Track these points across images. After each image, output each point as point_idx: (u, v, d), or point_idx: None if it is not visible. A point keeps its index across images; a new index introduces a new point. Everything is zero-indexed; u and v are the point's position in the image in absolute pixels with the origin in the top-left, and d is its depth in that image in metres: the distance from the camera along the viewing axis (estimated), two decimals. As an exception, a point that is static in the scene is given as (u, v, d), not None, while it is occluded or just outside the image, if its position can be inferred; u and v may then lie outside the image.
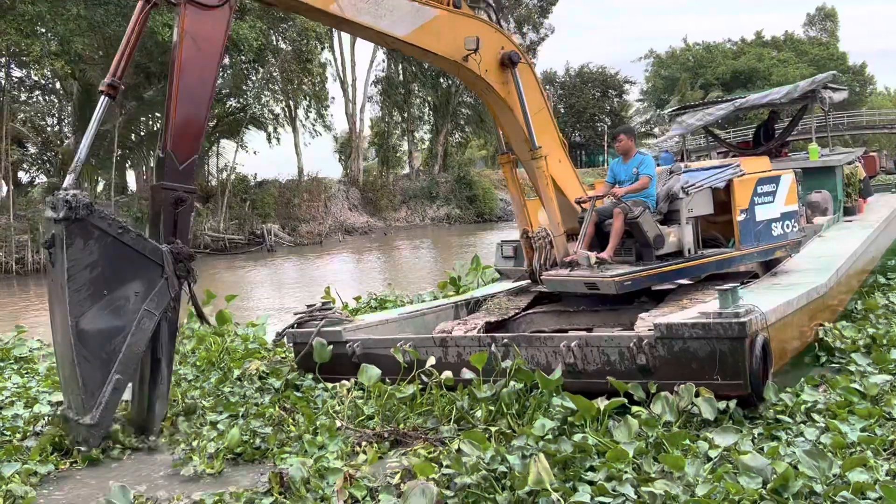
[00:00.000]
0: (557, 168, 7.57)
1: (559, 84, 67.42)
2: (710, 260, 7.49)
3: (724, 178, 7.63)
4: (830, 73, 15.04)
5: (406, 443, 5.26)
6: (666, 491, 3.93)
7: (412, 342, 6.66)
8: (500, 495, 4.10)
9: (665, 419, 5.12)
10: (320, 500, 4.26)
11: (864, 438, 4.84)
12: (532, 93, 7.34)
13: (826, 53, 75.10)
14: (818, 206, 11.85)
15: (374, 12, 6.38)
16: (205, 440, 5.35)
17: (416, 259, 30.71)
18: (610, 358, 5.85)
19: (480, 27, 7.01)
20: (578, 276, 7.05)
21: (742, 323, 5.35)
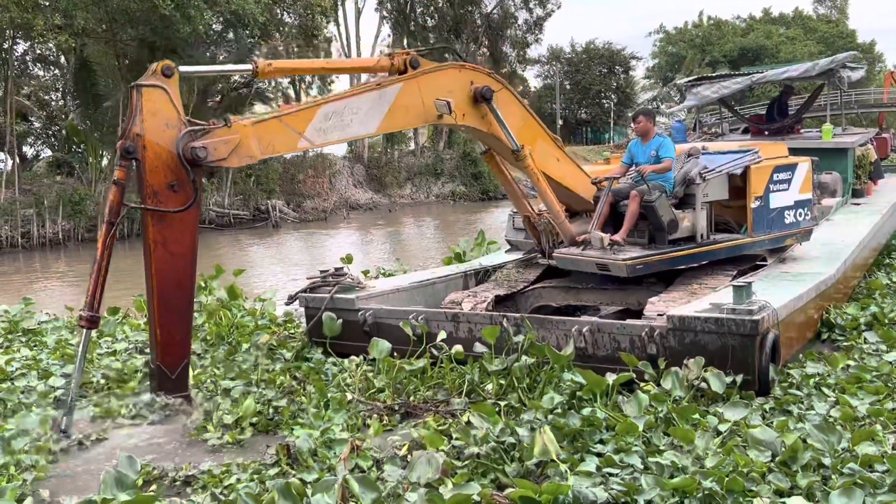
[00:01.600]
0: (557, 167, 7.49)
1: (565, 60, 66.92)
2: (721, 246, 7.49)
3: (741, 164, 7.59)
4: (850, 52, 14.90)
5: (416, 415, 5.32)
6: (673, 462, 3.95)
7: (424, 315, 6.75)
8: (508, 466, 4.14)
9: (675, 394, 5.15)
10: (326, 471, 4.28)
11: (874, 411, 4.90)
12: (513, 110, 7.13)
13: (835, 31, 74.42)
14: (827, 187, 11.77)
15: (340, 125, 6.19)
16: (220, 411, 5.38)
17: (421, 235, 30.74)
18: (620, 345, 5.92)
19: (444, 75, 6.71)
20: (590, 256, 7.06)
21: (755, 321, 5.42)
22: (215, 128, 5.58)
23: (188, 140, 5.43)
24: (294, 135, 5.94)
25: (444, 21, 47.46)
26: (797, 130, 13.93)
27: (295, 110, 6.03)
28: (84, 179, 29.41)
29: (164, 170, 5.46)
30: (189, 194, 5.52)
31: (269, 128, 5.82)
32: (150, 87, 5.45)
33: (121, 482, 3.99)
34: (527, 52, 53.33)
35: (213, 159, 5.56)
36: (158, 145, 5.42)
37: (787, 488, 3.85)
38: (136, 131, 5.40)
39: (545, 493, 3.54)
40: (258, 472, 4.35)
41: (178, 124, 5.51)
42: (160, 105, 5.46)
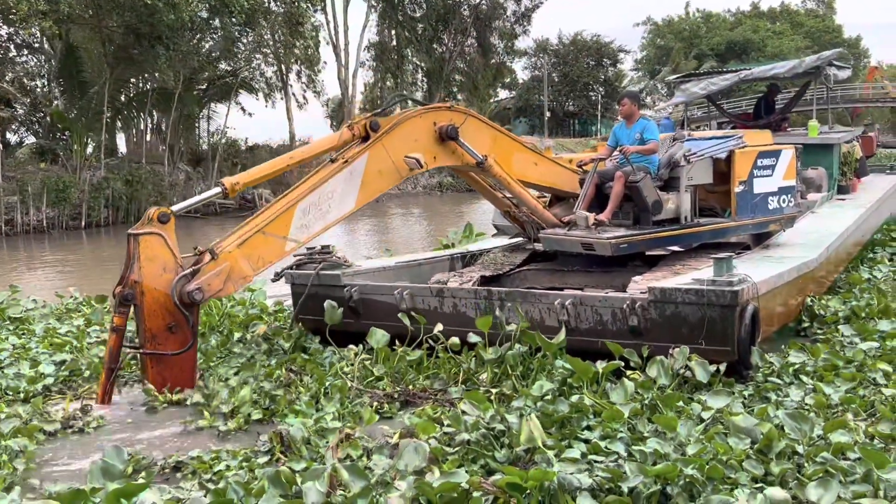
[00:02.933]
0: (536, 170, 7.56)
1: (552, 52, 66.93)
2: (705, 229, 7.59)
3: (726, 149, 7.70)
4: (836, 50, 15.01)
5: (416, 403, 5.40)
6: (656, 449, 4.03)
7: (409, 290, 6.84)
8: (498, 452, 4.21)
9: (660, 382, 5.24)
10: (318, 460, 4.32)
11: (846, 399, 5.03)
12: (481, 135, 7.12)
13: (822, 26, 74.81)
14: (813, 182, 11.88)
15: (320, 215, 6.25)
16: (217, 400, 5.43)
17: (408, 226, 30.75)
18: (602, 318, 6.01)
19: (407, 127, 6.64)
20: (575, 235, 7.15)
21: (735, 291, 5.50)
22: (205, 264, 5.71)
23: (183, 284, 5.61)
24: (279, 241, 6.08)
25: (432, 11, 47.33)
26: (784, 128, 14.01)
27: (273, 218, 6.05)
28: (69, 167, 29.18)
29: (162, 313, 5.62)
30: (187, 334, 5.69)
31: (253, 244, 5.94)
32: (146, 234, 5.63)
33: (108, 472, 4.00)
34: (515, 44, 53.29)
35: (209, 296, 5.77)
36: (156, 290, 5.60)
37: (761, 475, 3.93)
38: (133, 279, 5.56)
39: (531, 480, 3.60)
40: (248, 460, 4.40)
41: (175, 268, 5.67)
42: (157, 251, 5.64)
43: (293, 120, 43.75)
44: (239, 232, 6.01)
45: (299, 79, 43.82)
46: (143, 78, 34.48)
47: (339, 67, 45.47)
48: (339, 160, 6.42)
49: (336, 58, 45.15)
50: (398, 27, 47.59)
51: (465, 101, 54.79)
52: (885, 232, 12.72)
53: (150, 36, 28.12)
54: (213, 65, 34.98)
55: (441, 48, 49.01)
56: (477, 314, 6.43)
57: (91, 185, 28.66)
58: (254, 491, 3.76)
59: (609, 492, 3.71)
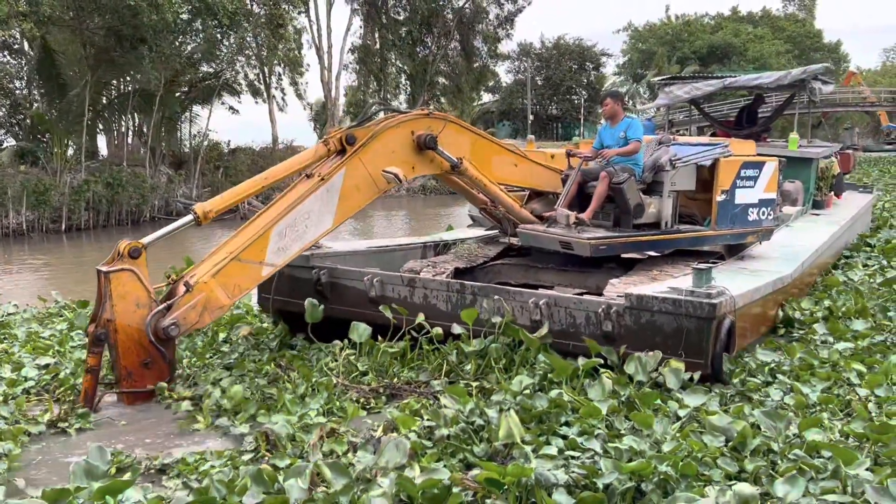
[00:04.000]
0: (516, 171, 7.58)
1: (535, 56, 67.14)
2: (684, 236, 7.58)
3: (711, 156, 7.65)
4: (822, 64, 15.13)
5: (401, 396, 5.43)
6: (632, 447, 4.09)
7: (380, 277, 6.76)
8: (476, 447, 4.26)
9: (638, 379, 5.28)
10: (301, 456, 4.36)
11: (824, 398, 5.10)
12: (460, 140, 7.08)
13: (802, 30, 75.44)
14: (789, 195, 11.95)
15: (297, 237, 6.15)
16: (210, 399, 5.46)
17: (392, 227, 30.73)
18: (576, 320, 5.96)
19: (384, 139, 6.57)
20: (554, 233, 7.11)
21: (713, 304, 5.46)
22: (179, 297, 5.59)
23: (158, 319, 5.51)
24: (255, 267, 5.95)
25: (415, 14, 47.34)
26: (764, 139, 14.09)
27: (248, 243, 5.92)
28: (49, 169, 28.92)
29: (137, 349, 5.54)
30: (164, 369, 5.63)
31: (229, 272, 5.82)
32: (117, 271, 5.49)
33: (91, 472, 4.03)
34: (498, 48, 53.39)
35: (186, 329, 5.67)
36: (130, 327, 5.50)
37: (735, 472, 4.00)
38: (106, 317, 5.45)
39: (509, 475, 3.66)
40: (232, 459, 4.43)
41: (148, 303, 5.57)
42: (129, 287, 5.52)
43: (276, 123, 43.66)
44: (213, 259, 5.88)
45: (281, 82, 43.69)
46: (124, 80, 34.25)
47: (322, 70, 45.40)
48: (314, 176, 6.29)
49: (319, 60, 45.08)
50: (381, 30, 47.55)
51: (449, 104, 54.92)
52: (859, 238, 12.90)
53: (132, 38, 27.96)
54: (195, 67, 34.82)
55: (424, 51, 49.01)
56: (448, 307, 6.41)
57: (71, 187, 28.42)
58: (236, 489, 3.79)
59: (585, 488, 3.78)
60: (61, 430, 5.15)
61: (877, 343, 6.67)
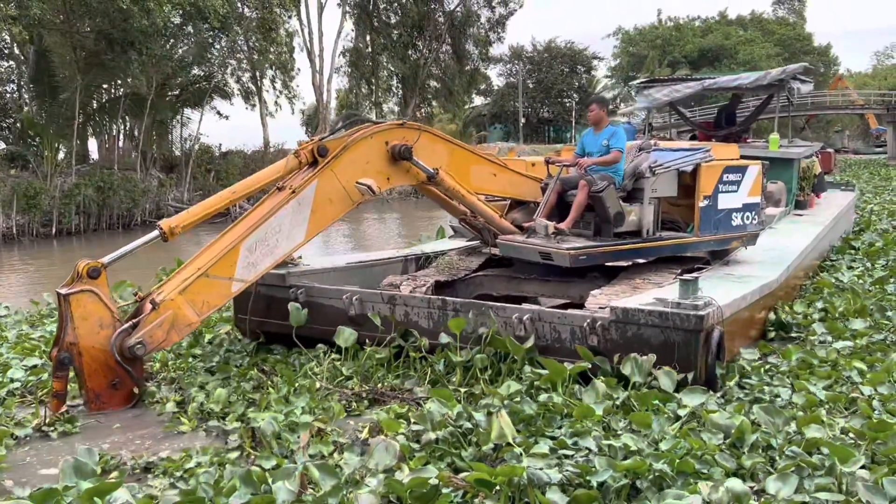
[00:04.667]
0: (495, 181, 7.47)
1: (527, 59, 67.27)
2: (666, 243, 7.44)
3: (692, 162, 7.53)
4: (801, 64, 15.14)
5: (384, 402, 5.39)
6: (626, 444, 4.07)
7: (359, 295, 6.62)
8: (465, 450, 4.22)
9: (634, 380, 5.22)
10: (288, 453, 4.33)
11: (832, 397, 5.10)
12: (437, 150, 6.95)
13: (792, 34, 75.77)
14: (771, 196, 11.85)
15: (268, 251, 5.98)
16: (195, 401, 5.41)
17: (383, 230, 30.73)
18: (561, 335, 5.83)
19: (357, 150, 6.43)
20: (533, 244, 6.99)
21: (700, 316, 5.35)
22: (146, 315, 5.46)
23: (123, 338, 5.39)
24: (225, 283, 5.80)
25: (407, 17, 47.39)
26: (744, 139, 14.06)
27: (215, 260, 5.77)
28: (39, 173, 28.80)
29: (104, 371, 5.41)
30: (132, 388, 5.50)
31: (197, 289, 5.67)
32: (77, 293, 5.34)
33: (80, 471, 3.99)
34: (489, 51, 53.48)
35: (153, 348, 5.53)
36: (94, 348, 5.36)
37: (733, 469, 3.98)
38: (69, 340, 5.31)
39: (500, 476, 3.63)
40: (217, 455, 4.39)
41: (112, 322, 5.43)
42: (90, 308, 5.37)
43: (267, 126, 43.58)
44: (180, 276, 5.75)
45: (273, 85, 43.63)
46: (115, 83, 34.17)
47: (313, 73, 45.37)
48: (286, 189, 6.15)
49: (310, 64, 45.06)
50: (373, 33, 47.59)
51: (440, 107, 55.01)
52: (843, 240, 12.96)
53: (123, 41, 27.89)
54: (186, 70, 34.76)
55: (416, 54, 49.06)
56: (430, 324, 6.28)
57: (62, 191, 28.31)
58: (224, 490, 3.76)
59: (578, 486, 3.74)
60: (45, 434, 5.09)
61: (876, 342, 6.67)
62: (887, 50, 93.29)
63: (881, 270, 10.35)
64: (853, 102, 60.08)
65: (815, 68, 51.83)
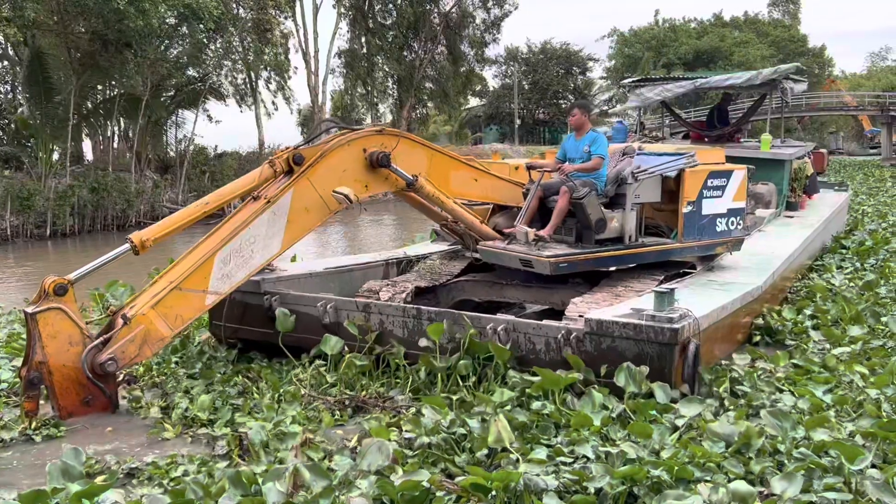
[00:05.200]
0: (476, 187, 7.41)
1: (522, 60, 67.26)
2: (648, 250, 7.37)
3: (676, 167, 7.43)
4: (793, 64, 15.13)
5: (367, 410, 5.33)
6: (623, 450, 4.03)
7: (334, 303, 6.52)
8: (458, 456, 4.18)
9: (630, 390, 5.12)
10: (277, 462, 4.29)
11: (839, 399, 5.08)
12: (416, 156, 6.87)
13: (787, 35, 75.92)
14: (762, 197, 11.85)
15: (243, 262, 5.91)
16: (178, 407, 5.36)
17: (378, 232, 30.67)
18: (536, 346, 5.75)
19: (334, 158, 6.34)
20: (514, 251, 6.92)
21: (675, 329, 5.25)
22: (117, 330, 5.38)
23: (94, 355, 5.31)
24: (199, 295, 5.71)
25: (402, 19, 47.34)
26: (737, 139, 14.02)
27: (188, 273, 5.69)
28: (33, 174, 28.68)
29: (76, 388, 5.34)
30: (105, 404, 5.44)
31: (169, 302, 5.59)
32: (44, 311, 5.25)
33: (67, 473, 3.95)
34: (485, 52, 53.46)
35: (125, 364, 5.45)
36: (65, 366, 5.28)
37: (741, 474, 3.93)
38: (38, 359, 5.23)
39: (496, 481, 3.59)
40: (205, 464, 4.35)
41: (81, 339, 5.35)
42: (59, 326, 5.29)
43: (263, 127, 43.51)
44: (152, 290, 5.67)
45: (268, 86, 43.55)
46: (109, 84, 34.07)
47: (308, 74, 45.32)
48: (261, 199, 6.05)
49: (306, 65, 45.00)
50: (368, 34, 47.50)
51: (436, 109, 54.96)
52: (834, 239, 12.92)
53: (118, 42, 27.79)
54: (181, 71, 34.66)
55: (411, 56, 49.00)
56: (405, 333, 6.19)
57: (56, 192, 28.19)
58: (213, 491, 3.72)
59: (575, 493, 3.70)
60: (30, 438, 5.05)
61: (874, 348, 6.63)
62: (882, 51, 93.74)
63: (871, 271, 10.31)
64: (846, 104, 60.19)
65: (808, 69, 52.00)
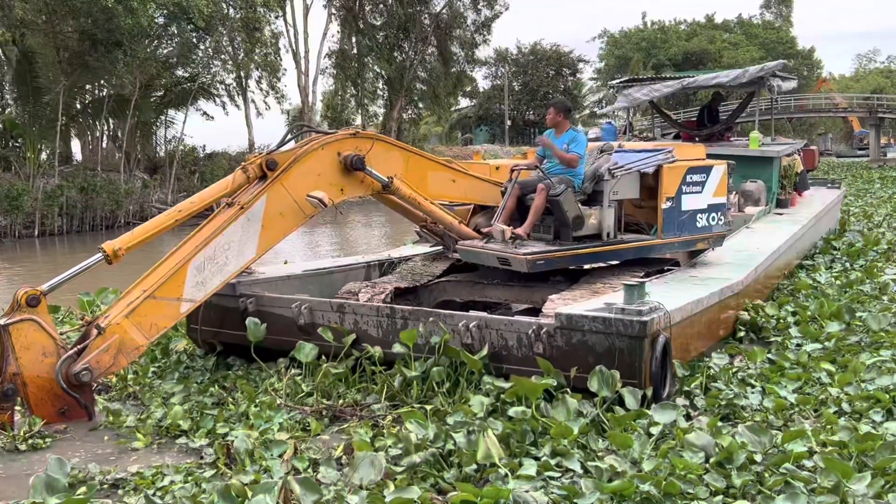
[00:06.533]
0: (455, 188, 7.39)
1: (513, 62, 67.33)
2: (627, 246, 7.37)
3: (653, 164, 7.44)
4: (780, 61, 15.16)
5: (343, 419, 5.26)
6: (612, 465, 4.02)
7: (308, 304, 6.49)
8: (447, 472, 4.14)
9: (603, 395, 5.10)
10: (263, 471, 4.26)
11: (802, 399, 5.11)
12: (392, 158, 6.83)
13: (776, 37, 76.31)
14: (751, 195, 11.86)
15: (217, 269, 5.86)
16: (153, 417, 5.32)
17: (369, 233, 30.64)
18: (508, 343, 5.74)
19: (308, 162, 6.32)
20: (491, 249, 6.92)
21: (644, 322, 5.25)
22: (91, 340, 5.36)
23: (69, 365, 5.28)
24: (173, 304, 5.69)
25: (392, 19, 47.31)
26: (727, 138, 14.06)
27: (162, 281, 5.67)
28: (22, 174, 28.55)
29: (51, 399, 5.30)
30: (81, 414, 5.41)
31: (143, 311, 5.56)
32: (16, 323, 5.21)
33: (51, 486, 3.93)
34: (475, 53, 53.49)
35: (100, 374, 5.42)
36: (40, 377, 5.25)
37: (722, 488, 3.94)
38: (11, 371, 5.19)
39: (486, 497, 3.57)
40: (191, 473, 4.33)
41: (56, 350, 5.31)
42: (32, 338, 5.25)
43: (252, 127, 43.36)
44: (126, 299, 5.64)
45: (259, 86, 43.41)
46: (98, 84, 33.92)
47: (299, 75, 45.22)
48: (234, 205, 6.04)
49: (296, 65, 44.90)
50: (359, 35, 47.44)
51: (427, 109, 54.95)
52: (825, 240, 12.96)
53: (107, 42, 27.68)
54: (170, 71, 34.53)
55: (402, 56, 48.97)
56: (379, 333, 6.17)
57: (45, 192, 28.05)
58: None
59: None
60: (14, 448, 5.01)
61: (850, 344, 6.68)
62: (869, 53, 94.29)
63: (858, 271, 10.36)
64: (836, 105, 60.50)
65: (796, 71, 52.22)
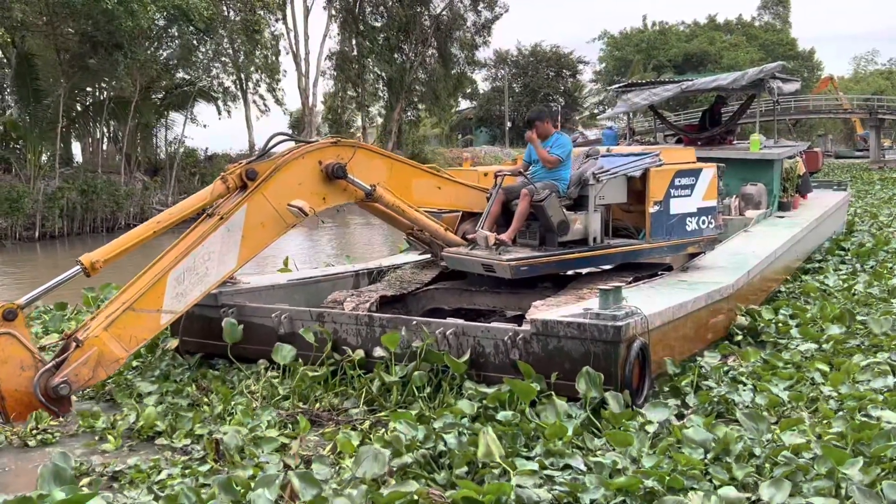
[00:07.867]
0: (440, 195, 7.38)
1: (513, 63, 67.39)
2: (614, 251, 7.30)
3: (640, 167, 7.38)
4: (779, 63, 15.10)
5: (321, 423, 5.21)
6: (614, 461, 4.04)
7: (288, 314, 6.46)
8: (438, 475, 4.11)
9: (590, 395, 5.07)
10: (255, 467, 4.27)
11: (795, 396, 5.14)
12: (375, 165, 6.81)
13: (776, 38, 76.34)
14: (751, 198, 11.80)
15: (198, 279, 5.83)
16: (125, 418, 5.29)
17: (370, 235, 30.64)
18: (485, 350, 5.70)
19: (288, 171, 6.29)
20: (476, 256, 6.88)
21: (618, 327, 5.19)
22: (70, 352, 5.33)
23: (47, 379, 5.27)
24: (153, 315, 5.67)
25: (392, 21, 47.36)
26: (729, 141, 14.00)
27: (143, 292, 5.64)
28: (22, 176, 28.57)
29: (29, 413, 5.26)
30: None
31: (123, 323, 5.55)
32: None
33: (58, 476, 3.94)
34: (475, 54, 53.52)
35: (79, 386, 5.42)
36: (18, 391, 5.24)
37: (726, 480, 3.94)
38: None
39: (488, 494, 3.58)
40: (187, 468, 4.35)
41: (34, 363, 5.30)
42: (9, 352, 5.24)
43: (253, 129, 43.40)
44: (106, 311, 5.62)
45: (258, 88, 43.45)
46: (99, 86, 33.95)
47: (299, 77, 45.24)
48: (214, 216, 6.02)
49: (296, 67, 44.94)
50: (359, 37, 47.49)
51: (427, 111, 54.96)
52: (833, 242, 12.90)
53: (108, 44, 27.71)
54: (170, 73, 34.56)
55: (402, 58, 49.00)
56: (358, 341, 6.14)
57: (45, 194, 28.08)
58: (205, 498, 3.72)
59: (568, 505, 3.70)
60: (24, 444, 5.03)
61: (850, 347, 6.67)
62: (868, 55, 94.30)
63: (868, 272, 10.28)
64: (841, 106, 60.30)
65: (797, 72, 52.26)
